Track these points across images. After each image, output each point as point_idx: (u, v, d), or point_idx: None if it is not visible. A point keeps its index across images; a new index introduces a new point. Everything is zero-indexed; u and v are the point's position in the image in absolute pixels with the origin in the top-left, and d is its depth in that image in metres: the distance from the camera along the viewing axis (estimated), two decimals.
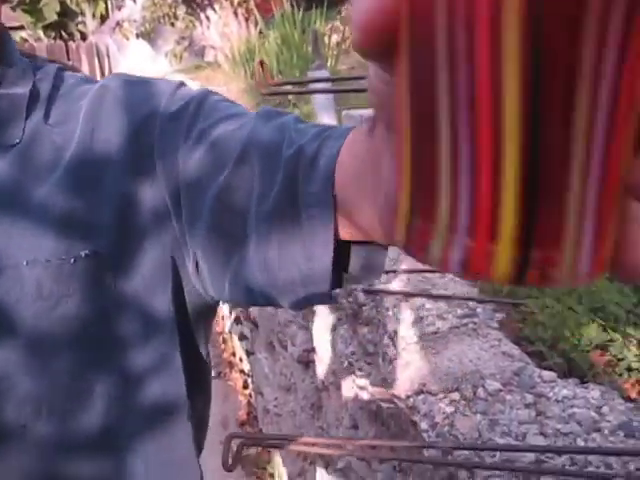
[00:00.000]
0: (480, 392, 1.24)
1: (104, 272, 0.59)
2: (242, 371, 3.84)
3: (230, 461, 0.98)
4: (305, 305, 0.54)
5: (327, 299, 0.52)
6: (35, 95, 0.64)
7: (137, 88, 0.64)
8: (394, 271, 1.69)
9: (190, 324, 0.67)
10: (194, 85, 3.88)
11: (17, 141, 0.61)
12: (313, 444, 1.23)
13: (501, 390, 1.25)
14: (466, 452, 1.08)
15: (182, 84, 0.65)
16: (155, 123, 0.60)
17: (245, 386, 3.83)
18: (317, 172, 0.47)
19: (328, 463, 2.05)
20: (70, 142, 0.61)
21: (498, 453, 1.06)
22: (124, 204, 0.59)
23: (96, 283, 0.59)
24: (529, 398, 1.21)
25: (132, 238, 0.60)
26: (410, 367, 1.38)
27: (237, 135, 0.55)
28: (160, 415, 0.65)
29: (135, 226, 0.60)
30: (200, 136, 0.57)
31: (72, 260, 0.57)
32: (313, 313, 2.13)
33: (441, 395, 1.25)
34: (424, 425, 1.19)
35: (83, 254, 0.58)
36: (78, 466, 0.62)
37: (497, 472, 1.03)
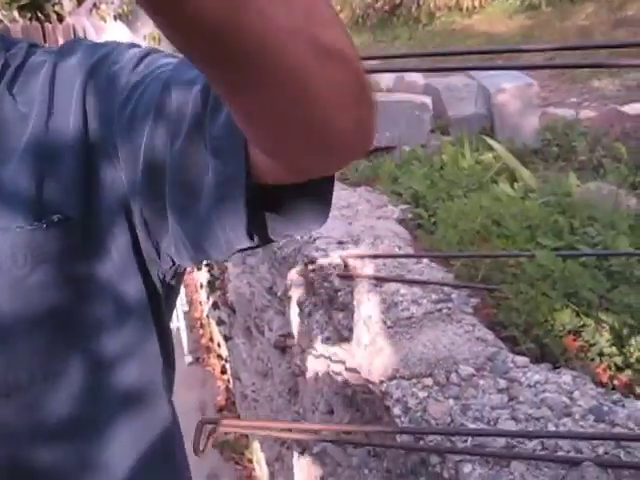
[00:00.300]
0: (453, 377, 1.24)
1: (76, 238, 0.60)
2: (220, 356, 3.83)
3: (201, 447, 0.97)
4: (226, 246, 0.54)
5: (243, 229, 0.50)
6: (5, 69, 0.65)
7: (92, 53, 0.64)
8: (370, 256, 1.68)
9: (160, 302, 0.67)
10: None
11: None
12: (288, 430, 1.23)
13: (474, 375, 1.25)
14: (438, 437, 1.08)
15: (132, 45, 0.66)
16: (106, 95, 0.61)
17: (223, 371, 3.82)
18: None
19: (304, 448, 2.05)
20: (32, 111, 0.62)
21: (470, 438, 1.06)
22: (87, 173, 0.60)
23: (68, 250, 0.59)
24: (502, 383, 1.21)
25: (98, 208, 0.61)
26: (384, 352, 1.38)
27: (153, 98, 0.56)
28: (137, 400, 0.66)
29: (99, 197, 0.60)
30: (132, 111, 0.58)
31: (44, 225, 0.58)
32: (289, 299, 2.12)
33: (414, 380, 1.25)
34: (397, 410, 1.19)
35: (56, 218, 0.58)
36: (46, 453, 0.62)
37: (468, 457, 1.03)
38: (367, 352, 1.44)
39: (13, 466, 0.60)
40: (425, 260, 1.74)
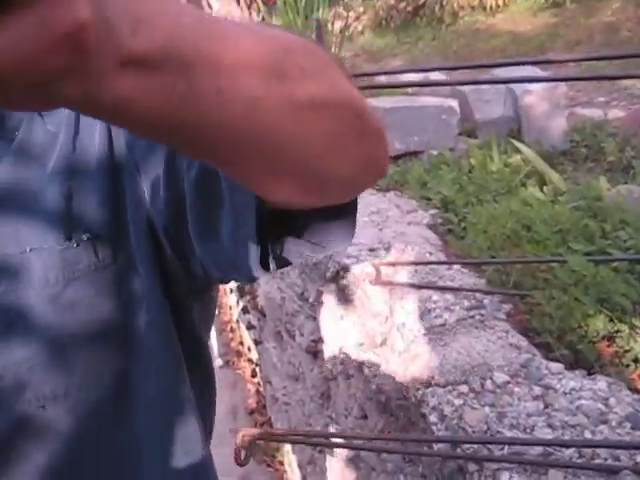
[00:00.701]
0: (488, 384, 1.26)
1: (105, 255, 0.61)
2: (250, 360, 3.86)
3: (242, 457, 0.99)
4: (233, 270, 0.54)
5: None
6: None
7: None
8: (402, 263, 1.70)
9: (191, 315, 0.69)
10: None
11: (16, 133, 0.63)
12: (324, 437, 1.25)
13: (509, 382, 1.26)
14: (475, 445, 1.10)
15: None
16: None
17: (253, 375, 3.85)
18: None
19: (338, 453, 2.07)
20: (60, 131, 0.63)
21: (506, 446, 1.08)
22: (114, 191, 0.61)
23: (99, 266, 0.61)
24: (537, 390, 1.23)
25: (125, 225, 0.62)
26: (418, 359, 1.40)
27: None
28: (167, 407, 0.67)
29: (125, 214, 0.61)
30: None
31: (75, 245, 0.59)
32: (321, 304, 2.15)
33: (449, 387, 1.26)
34: (433, 418, 1.21)
35: (85, 237, 0.60)
36: (85, 459, 0.64)
37: (506, 465, 1.04)
38: (402, 359, 1.46)
39: (52, 466, 0.62)
40: (456, 266, 1.76)
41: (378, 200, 2.45)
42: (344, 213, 0.48)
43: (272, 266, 0.51)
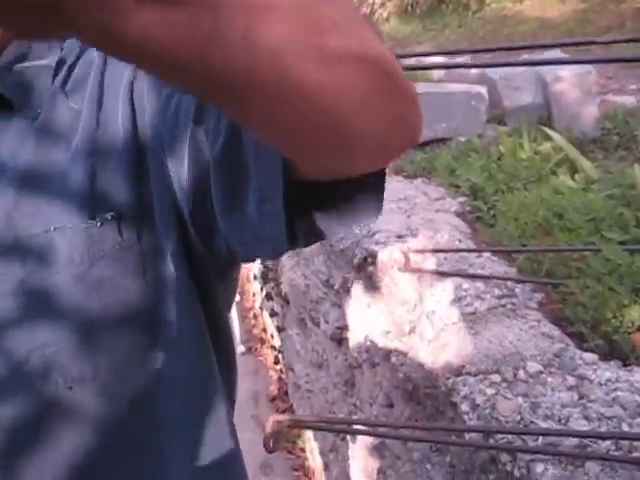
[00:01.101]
0: (521, 374, 1.23)
1: (130, 235, 0.60)
2: (273, 347, 3.86)
3: (271, 444, 0.98)
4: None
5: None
6: (60, 66, 0.65)
7: None
8: (431, 250, 1.68)
9: (216, 295, 0.68)
10: None
11: (39, 111, 0.62)
12: (351, 424, 1.23)
13: (542, 372, 1.24)
14: (509, 435, 1.08)
15: None
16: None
17: (276, 362, 3.86)
18: None
19: (362, 440, 2.06)
20: (83, 108, 0.62)
21: (540, 437, 1.06)
22: (137, 169, 0.60)
23: (123, 246, 0.60)
24: (571, 380, 1.20)
25: (149, 204, 0.61)
26: (448, 348, 1.37)
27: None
28: (195, 390, 0.66)
29: (149, 193, 0.61)
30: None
31: (99, 224, 0.59)
32: (347, 291, 2.13)
33: (481, 377, 1.24)
34: (465, 407, 1.19)
35: (109, 216, 0.59)
36: (110, 440, 0.63)
37: (540, 456, 1.02)
38: (431, 347, 1.44)
39: (81, 448, 0.61)
40: (486, 254, 1.73)
41: (405, 187, 2.42)
42: (372, 187, 0.47)
43: (300, 240, 0.50)
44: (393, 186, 2.38)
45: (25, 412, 0.59)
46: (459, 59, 3.49)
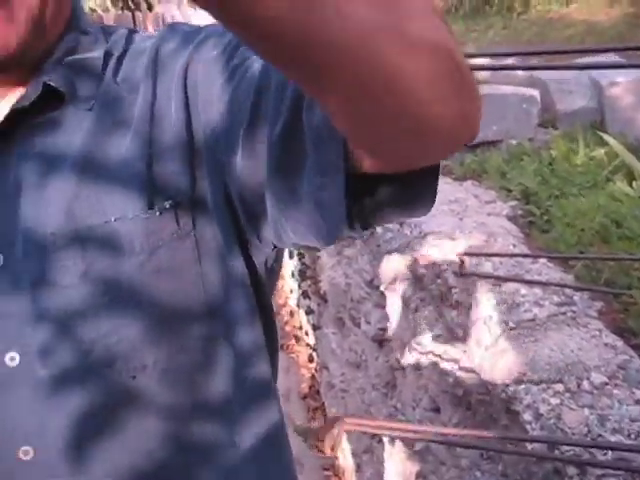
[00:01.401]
0: (585, 385, 1.19)
1: (186, 223, 0.60)
2: (308, 345, 3.85)
3: (333, 445, 0.96)
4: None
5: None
6: (108, 58, 0.66)
7: (192, 38, 0.64)
8: (487, 254, 1.64)
9: (264, 284, 0.67)
10: None
11: (92, 102, 0.63)
12: (413, 431, 1.21)
13: (607, 384, 1.20)
14: (576, 447, 1.04)
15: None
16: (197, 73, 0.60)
17: (310, 360, 3.84)
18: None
19: (404, 445, 2.03)
20: (137, 98, 0.62)
21: (610, 451, 1.02)
22: (191, 158, 0.60)
23: (180, 234, 0.60)
24: (638, 394, 1.16)
25: (204, 192, 0.61)
26: (507, 355, 1.34)
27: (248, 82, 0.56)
28: (250, 377, 0.66)
29: (203, 181, 0.61)
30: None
31: (157, 213, 0.59)
32: (392, 292, 2.10)
33: (544, 386, 1.20)
34: (527, 416, 1.15)
35: (167, 205, 0.59)
36: (196, 431, 0.63)
37: (610, 471, 0.98)
38: (488, 353, 1.40)
39: (146, 435, 0.61)
40: (541, 260, 1.69)
41: (454, 189, 2.39)
42: (427, 181, 0.48)
43: (357, 227, 0.51)
44: (441, 187, 2.34)
45: (92, 401, 0.60)
46: (506, 61, 3.43)
